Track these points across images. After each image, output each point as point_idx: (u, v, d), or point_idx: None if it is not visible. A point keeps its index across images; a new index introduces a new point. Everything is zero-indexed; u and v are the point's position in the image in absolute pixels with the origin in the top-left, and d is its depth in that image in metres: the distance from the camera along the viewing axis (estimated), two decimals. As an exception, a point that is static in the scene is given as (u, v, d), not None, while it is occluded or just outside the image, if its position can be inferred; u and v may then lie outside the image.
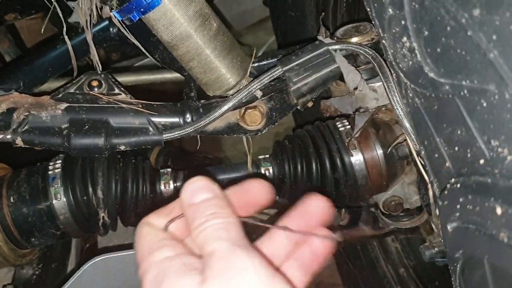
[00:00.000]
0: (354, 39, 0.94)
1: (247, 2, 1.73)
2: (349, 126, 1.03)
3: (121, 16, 0.81)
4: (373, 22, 0.55)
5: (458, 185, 0.40)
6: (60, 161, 0.95)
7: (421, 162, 0.78)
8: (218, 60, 0.87)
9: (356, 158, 0.99)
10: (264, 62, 0.98)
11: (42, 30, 0.86)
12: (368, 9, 0.53)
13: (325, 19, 1.34)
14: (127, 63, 1.46)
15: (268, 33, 1.81)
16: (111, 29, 1.05)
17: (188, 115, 0.88)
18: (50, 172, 0.93)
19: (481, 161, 0.38)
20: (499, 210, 0.35)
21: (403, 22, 0.44)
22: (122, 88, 0.89)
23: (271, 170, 1.05)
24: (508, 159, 0.35)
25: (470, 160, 0.40)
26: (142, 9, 0.78)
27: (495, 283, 0.38)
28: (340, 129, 1.03)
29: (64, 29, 0.81)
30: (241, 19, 1.79)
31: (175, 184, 1.03)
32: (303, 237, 0.50)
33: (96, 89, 0.89)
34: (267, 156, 1.07)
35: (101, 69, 0.86)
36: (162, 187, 1.02)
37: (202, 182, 0.49)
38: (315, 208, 0.52)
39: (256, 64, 0.96)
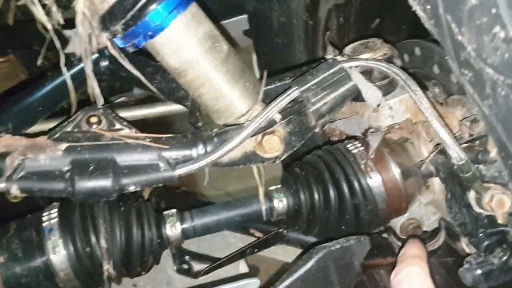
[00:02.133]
0: (365, 56, 0.90)
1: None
2: (362, 148, 0.97)
3: (125, 42, 0.73)
4: (430, 22, 0.50)
5: None
6: (55, 210, 0.84)
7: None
8: (230, 85, 0.80)
9: (375, 180, 0.93)
10: (272, 86, 0.92)
11: (39, 62, 0.77)
12: (428, 6, 0.48)
13: (315, 44, 1.31)
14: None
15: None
16: (101, 62, 0.97)
17: (201, 146, 0.80)
18: (45, 224, 0.82)
19: None
20: None
21: (493, 10, 0.40)
22: (124, 123, 0.81)
23: (285, 201, 0.97)
24: None
25: None
26: (150, 33, 0.72)
27: None
28: (353, 151, 0.97)
29: (62, 60, 0.72)
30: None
31: (182, 226, 0.94)
32: None
33: (95, 126, 0.80)
34: (279, 186, 1.00)
35: (102, 103, 0.77)
36: (169, 231, 0.93)
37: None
38: None
39: (264, 89, 0.90)
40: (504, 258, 0.78)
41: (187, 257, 1.17)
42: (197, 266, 1.16)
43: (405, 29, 1.34)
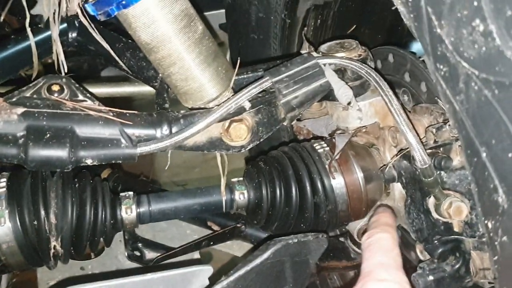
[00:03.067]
0: (340, 55, 0.89)
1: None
2: (327, 148, 0.97)
3: (96, 10, 0.70)
4: (410, 16, 0.50)
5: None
6: (4, 179, 0.80)
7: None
8: (201, 67, 0.78)
9: (337, 182, 0.93)
10: (244, 76, 0.91)
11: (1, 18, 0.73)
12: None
13: (291, 43, 1.31)
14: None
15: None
16: (69, 33, 0.93)
17: (165, 127, 0.78)
18: (-9, 193, 0.78)
19: None
20: None
21: (475, 3, 0.40)
22: (88, 94, 0.77)
23: (246, 194, 0.96)
24: None
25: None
26: (123, 2, 0.69)
27: None
28: (319, 150, 0.97)
29: (28, 21, 0.68)
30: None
31: (138, 210, 0.91)
32: None
33: (56, 95, 0.76)
34: (241, 178, 0.98)
35: (65, 71, 0.74)
36: (123, 213, 0.89)
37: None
38: None
39: (235, 78, 0.89)
40: (456, 266, 0.79)
41: (140, 244, 1.13)
42: (150, 254, 1.12)
43: (380, 39, 1.36)
